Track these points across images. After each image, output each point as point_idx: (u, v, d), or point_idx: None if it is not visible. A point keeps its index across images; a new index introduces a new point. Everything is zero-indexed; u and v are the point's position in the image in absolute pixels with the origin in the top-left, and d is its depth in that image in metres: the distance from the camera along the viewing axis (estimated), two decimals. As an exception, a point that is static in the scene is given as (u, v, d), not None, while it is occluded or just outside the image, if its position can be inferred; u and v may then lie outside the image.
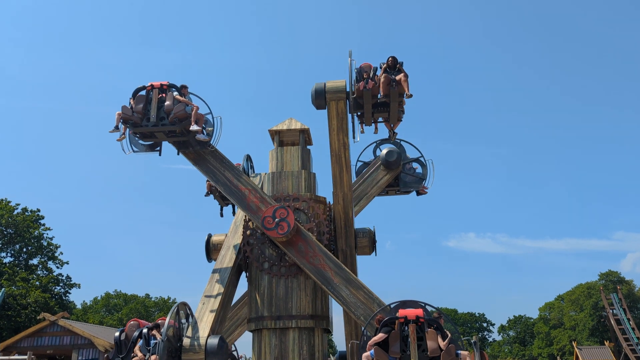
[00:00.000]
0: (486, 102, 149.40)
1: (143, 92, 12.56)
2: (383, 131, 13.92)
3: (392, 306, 11.06)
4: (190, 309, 13.16)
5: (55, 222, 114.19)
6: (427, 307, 10.71)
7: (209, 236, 14.77)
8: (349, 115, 12.70)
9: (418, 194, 16.53)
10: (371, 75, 12.39)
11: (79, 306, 68.04)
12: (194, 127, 12.19)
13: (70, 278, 52.14)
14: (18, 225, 48.81)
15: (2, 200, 49.18)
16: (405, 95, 12.23)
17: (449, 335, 10.03)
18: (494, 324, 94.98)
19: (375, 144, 16.67)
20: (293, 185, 13.72)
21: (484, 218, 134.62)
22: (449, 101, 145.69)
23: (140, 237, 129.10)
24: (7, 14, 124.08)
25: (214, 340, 11.66)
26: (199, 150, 13.06)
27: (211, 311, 12.67)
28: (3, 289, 28.18)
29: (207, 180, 14.85)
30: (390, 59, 12.61)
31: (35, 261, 50.97)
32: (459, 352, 9.68)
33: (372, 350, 9.98)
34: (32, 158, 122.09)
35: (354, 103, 12.28)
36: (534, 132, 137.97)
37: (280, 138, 14.68)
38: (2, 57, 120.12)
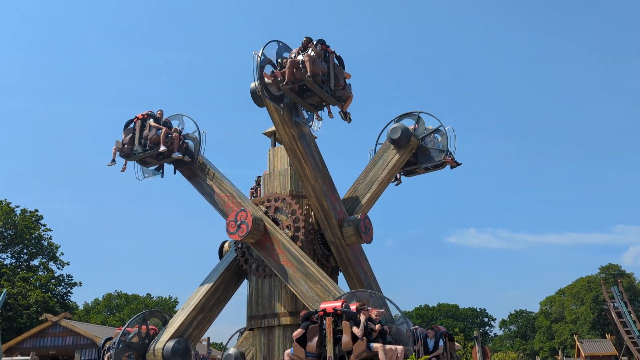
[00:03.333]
0: (486, 95, 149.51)
1: (132, 125, 14.14)
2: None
3: (343, 297, 10.86)
4: (169, 315, 14.00)
5: (54, 223, 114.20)
6: (372, 297, 10.47)
7: (222, 243, 15.15)
8: (300, 108, 12.73)
9: (450, 166, 15.03)
10: (282, 62, 12.16)
11: (80, 307, 68.10)
12: (162, 148, 13.37)
13: (72, 277, 52.17)
14: (18, 226, 48.78)
15: (1, 201, 49.10)
16: (315, 74, 11.56)
17: (369, 325, 9.42)
18: (495, 319, 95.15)
19: (393, 122, 15.26)
20: (280, 184, 13.89)
21: (485, 213, 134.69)
22: (448, 96, 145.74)
23: (141, 236, 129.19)
24: (10, 14, 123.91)
25: (169, 345, 12.61)
26: (190, 167, 14.11)
27: (185, 315, 13.44)
28: (5, 290, 28.16)
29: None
30: (304, 40, 12.17)
31: (36, 262, 50.96)
32: (372, 345, 9.10)
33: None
34: (29, 158, 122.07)
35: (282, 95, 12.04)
36: (534, 126, 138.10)
37: (278, 138, 14.55)
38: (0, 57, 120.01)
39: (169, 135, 13.55)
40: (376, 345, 9.04)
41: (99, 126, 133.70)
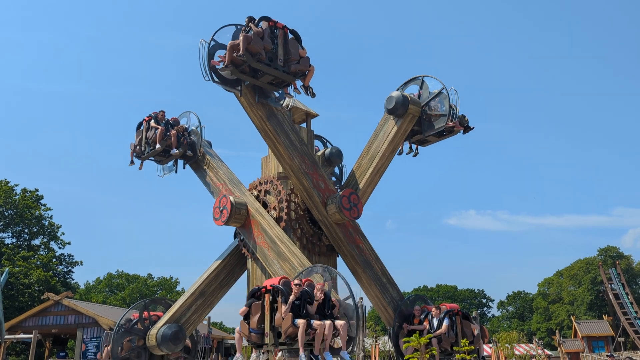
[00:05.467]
0: (485, 78, 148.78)
1: (141, 127, 15.20)
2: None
3: (302, 273, 10.84)
4: (172, 302, 15.08)
5: (55, 203, 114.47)
6: (326, 271, 10.29)
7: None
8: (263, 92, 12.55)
9: (462, 132, 14.03)
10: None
11: (82, 286, 68.56)
12: (157, 147, 14.42)
13: (72, 256, 52.45)
14: (18, 206, 48.86)
15: (1, 181, 49.09)
16: (255, 52, 11.35)
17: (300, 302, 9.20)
18: (493, 300, 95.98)
19: (399, 89, 14.34)
20: (274, 167, 13.85)
21: (485, 195, 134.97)
22: (449, 78, 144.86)
23: (142, 216, 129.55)
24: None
25: (161, 330, 13.44)
26: (195, 160, 14.88)
27: (183, 301, 14.11)
28: (7, 269, 28.25)
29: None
30: (246, 20, 12.00)
31: (37, 242, 51.18)
32: (296, 320, 8.96)
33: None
34: (29, 138, 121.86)
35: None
36: (534, 108, 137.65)
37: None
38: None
39: (167, 134, 14.47)
40: (299, 321, 8.99)
41: (98, 106, 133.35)
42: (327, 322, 9.14)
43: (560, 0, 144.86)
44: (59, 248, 51.76)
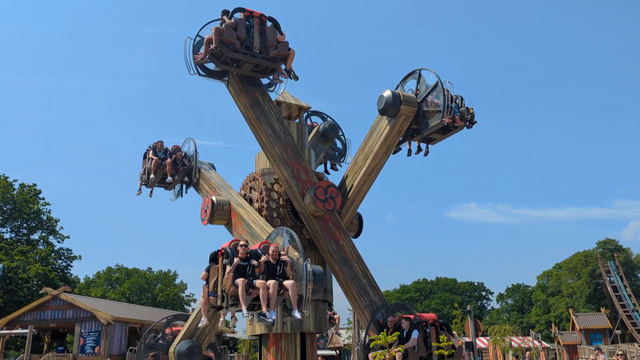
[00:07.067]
0: (484, 68, 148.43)
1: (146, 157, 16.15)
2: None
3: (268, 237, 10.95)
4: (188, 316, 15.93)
5: (53, 197, 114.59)
6: (286, 234, 10.34)
7: None
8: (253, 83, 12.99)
9: (467, 125, 12.89)
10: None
11: (82, 281, 68.75)
12: (151, 177, 15.31)
13: (71, 250, 52.58)
14: (16, 200, 48.95)
15: (-1, 176, 49.18)
16: (229, 43, 11.99)
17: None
18: (492, 293, 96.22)
19: (399, 85, 13.45)
20: (264, 163, 13.84)
21: (485, 188, 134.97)
22: (446, 69, 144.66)
23: (141, 210, 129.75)
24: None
25: (177, 347, 14.20)
26: (194, 184, 15.57)
27: (194, 315, 14.73)
28: (1, 265, 28.30)
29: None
30: (221, 13, 12.59)
31: (36, 236, 51.29)
32: (236, 280, 9.15)
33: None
34: (26, 132, 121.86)
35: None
36: (534, 99, 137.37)
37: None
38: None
39: (162, 163, 15.43)
40: (238, 280, 9.16)
41: (97, 99, 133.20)
42: (271, 281, 9.19)
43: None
44: (58, 242, 51.94)
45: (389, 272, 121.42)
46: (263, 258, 9.62)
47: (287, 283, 9.32)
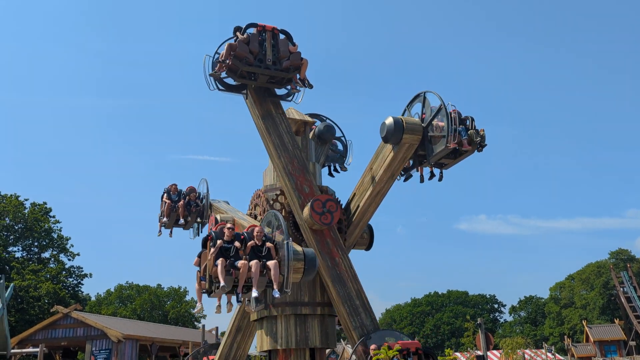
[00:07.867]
0: (493, 79, 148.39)
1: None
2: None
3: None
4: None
5: (64, 216, 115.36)
6: (274, 217, 10.68)
7: None
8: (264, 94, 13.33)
9: (478, 149, 12.30)
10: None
11: (93, 298, 68.96)
12: (164, 219, 15.59)
13: (82, 268, 52.79)
14: (27, 219, 49.32)
15: (10, 195, 49.59)
16: (242, 57, 12.43)
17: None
18: (505, 305, 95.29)
19: (405, 110, 12.92)
20: (269, 179, 13.96)
21: (496, 199, 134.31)
22: (454, 79, 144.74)
23: (151, 227, 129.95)
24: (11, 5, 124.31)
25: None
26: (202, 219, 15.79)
27: (224, 342, 14.49)
28: (12, 284, 28.49)
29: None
30: (233, 30, 13.05)
31: (47, 254, 51.59)
32: (217, 261, 9.52)
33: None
34: (37, 152, 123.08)
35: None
36: (544, 111, 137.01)
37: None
38: (5, 50, 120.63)
39: (175, 206, 15.81)
40: (218, 261, 9.38)
41: (108, 117, 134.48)
42: (254, 261, 9.45)
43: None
44: (69, 260, 52.19)
45: (399, 286, 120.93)
46: (250, 243, 9.86)
47: (270, 263, 9.56)
